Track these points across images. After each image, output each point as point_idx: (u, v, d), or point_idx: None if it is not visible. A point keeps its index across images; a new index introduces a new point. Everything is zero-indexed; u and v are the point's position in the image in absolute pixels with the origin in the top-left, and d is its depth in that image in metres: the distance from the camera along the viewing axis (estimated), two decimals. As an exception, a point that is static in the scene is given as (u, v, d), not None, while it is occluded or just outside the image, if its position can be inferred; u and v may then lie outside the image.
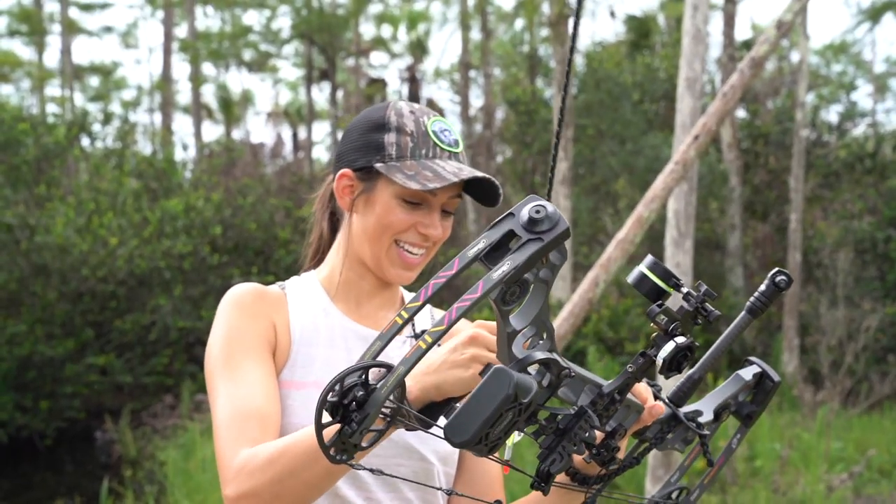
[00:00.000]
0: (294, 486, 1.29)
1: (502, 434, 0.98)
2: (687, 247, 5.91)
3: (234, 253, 13.76)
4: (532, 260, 0.98)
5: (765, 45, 5.42)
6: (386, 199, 1.51)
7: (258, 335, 1.48)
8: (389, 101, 1.59)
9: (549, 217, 0.99)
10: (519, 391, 0.95)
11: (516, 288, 1.02)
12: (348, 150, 1.56)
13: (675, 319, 1.14)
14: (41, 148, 13.52)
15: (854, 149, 15.30)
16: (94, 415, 12.41)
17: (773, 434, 8.80)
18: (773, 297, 1.31)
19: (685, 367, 1.16)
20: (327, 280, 1.61)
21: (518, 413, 0.98)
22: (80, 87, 32.16)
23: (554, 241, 0.99)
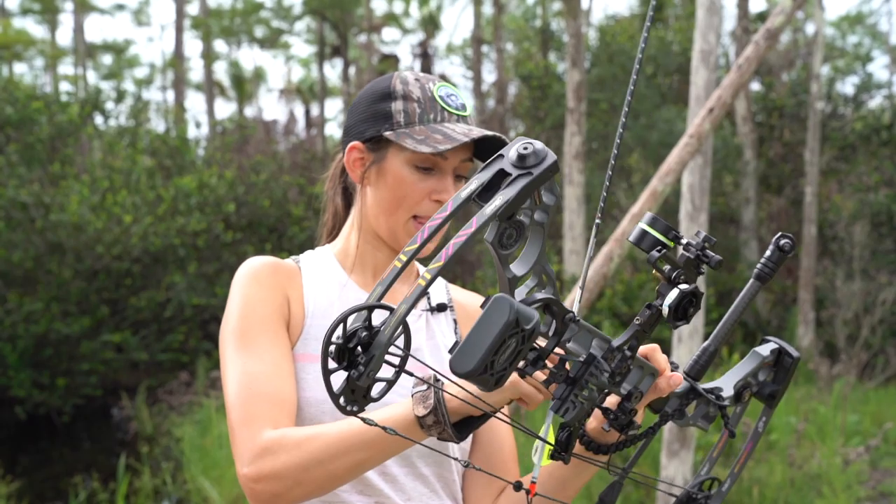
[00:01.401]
0: (319, 474, 1.29)
1: (507, 364, 0.99)
2: (702, 221, 5.88)
3: (248, 230, 13.80)
4: (523, 193, 1.00)
5: (780, 16, 5.36)
6: (397, 168, 1.50)
7: (273, 309, 1.47)
8: (394, 72, 1.58)
9: (536, 152, 1.00)
10: (520, 317, 0.96)
11: (512, 230, 1.03)
12: (356, 123, 1.55)
13: (677, 266, 1.15)
14: (55, 126, 13.55)
15: (870, 121, 15.16)
16: (110, 392, 12.51)
17: (788, 408, 8.79)
18: (779, 262, 1.30)
19: (692, 314, 1.15)
20: (342, 253, 1.60)
21: (521, 341, 0.98)
22: (92, 65, 32.20)
23: (543, 174, 1.00)
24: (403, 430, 1.26)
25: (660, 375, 1.27)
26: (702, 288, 1.25)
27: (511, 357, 0.99)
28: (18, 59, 29.85)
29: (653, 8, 1.21)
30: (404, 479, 1.48)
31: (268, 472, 1.30)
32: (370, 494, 1.47)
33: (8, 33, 26.40)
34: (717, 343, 1.33)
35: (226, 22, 27.77)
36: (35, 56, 31.15)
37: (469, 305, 1.67)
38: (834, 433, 7.73)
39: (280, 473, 1.30)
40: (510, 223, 1.03)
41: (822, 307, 12.34)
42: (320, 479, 1.30)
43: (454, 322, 1.63)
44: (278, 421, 1.36)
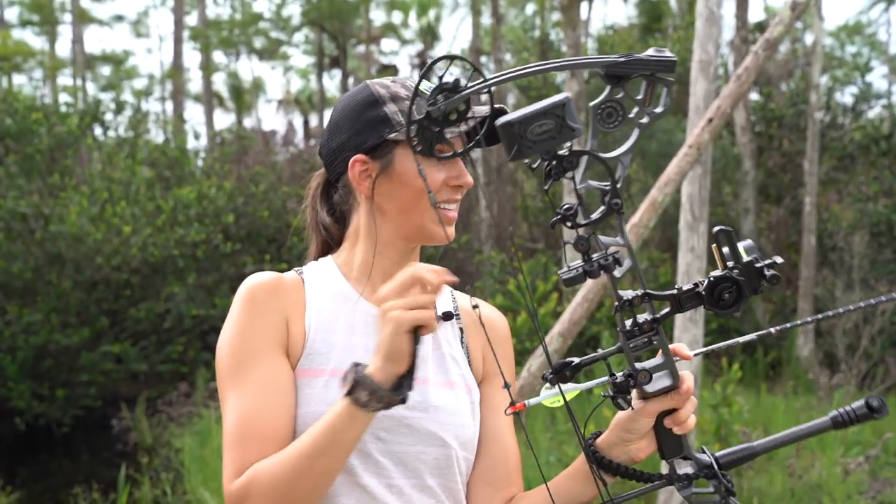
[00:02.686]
0: (298, 494, 1.33)
1: (536, 140, 1.13)
2: (701, 231, 5.88)
3: (247, 241, 13.79)
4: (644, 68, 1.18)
5: (779, 26, 5.37)
6: (410, 166, 1.50)
7: (268, 337, 1.46)
8: (364, 83, 1.58)
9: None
10: (568, 111, 1.13)
11: (612, 109, 1.18)
12: (350, 138, 1.54)
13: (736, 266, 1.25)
14: (54, 137, 13.56)
15: (869, 131, 15.18)
16: (110, 403, 12.49)
17: (788, 418, 8.77)
18: (862, 420, 1.31)
19: (728, 301, 1.22)
20: (345, 265, 1.59)
21: (557, 129, 1.13)
22: (91, 76, 32.25)
23: (659, 63, 1.18)
24: (348, 417, 1.30)
25: (680, 384, 1.30)
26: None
27: (543, 135, 1.13)
28: (18, 71, 29.89)
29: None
30: (410, 491, 1.48)
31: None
32: None
33: (7, 45, 26.46)
34: (763, 447, 1.35)
35: (225, 33, 27.82)
36: (34, 67, 31.20)
37: (474, 312, 1.66)
38: (834, 443, 7.72)
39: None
40: (612, 103, 1.17)
41: (822, 317, 12.31)
42: (302, 496, 1.33)
43: (461, 331, 1.63)
44: (258, 461, 1.38)
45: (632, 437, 1.37)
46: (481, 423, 1.58)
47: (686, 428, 1.33)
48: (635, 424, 1.36)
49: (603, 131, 1.19)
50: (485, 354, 1.63)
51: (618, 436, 1.38)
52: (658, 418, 1.35)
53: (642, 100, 1.19)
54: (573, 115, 1.14)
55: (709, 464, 1.31)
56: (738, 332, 12.95)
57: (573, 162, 1.18)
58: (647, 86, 1.19)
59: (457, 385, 1.54)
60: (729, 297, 1.21)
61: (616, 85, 1.18)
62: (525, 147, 1.14)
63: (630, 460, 1.39)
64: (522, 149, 1.14)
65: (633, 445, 1.38)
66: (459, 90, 1.17)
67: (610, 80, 1.18)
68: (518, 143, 1.13)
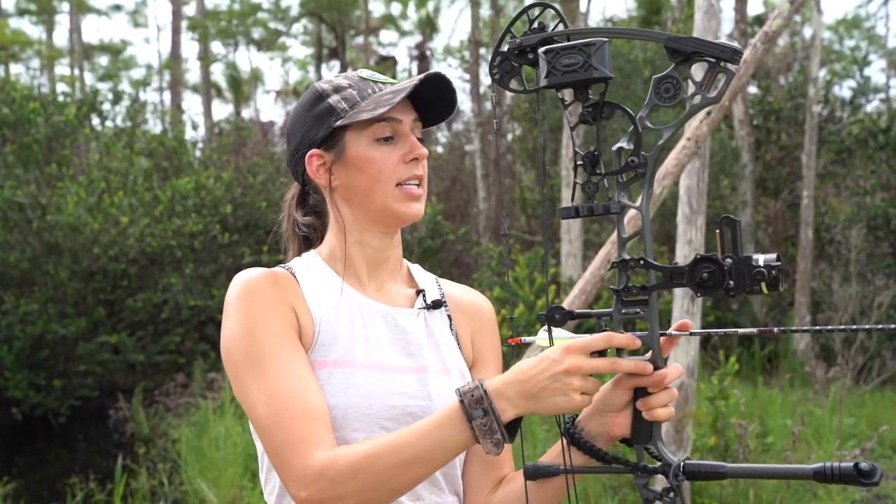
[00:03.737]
0: (381, 494, 1.32)
1: (565, 71, 1.23)
2: (699, 224, 5.89)
3: (245, 232, 13.78)
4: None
5: (777, 19, 5.37)
6: (362, 151, 1.52)
7: (283, 322, 1.45)
8: (312, 84, 1.61)
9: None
10: (599, 53, 1.22)
11: (670, 85, 1.24)
12: (303, 137, 1.57)
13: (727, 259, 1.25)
14: (52, 127, 13.53)
15: (867, 124, 15.18)
16: (107, 393, 12.50)
17: (784, 410, 8.80)
18: (846, 480, 1.25)
19: (706, 280, 1.23)
20: (329, 257, 1.60)
21: (583, 66, 1.23)
22: (89, 66, 32.17)
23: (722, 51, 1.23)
24: (457, 436, 1.30)
25: (659, 373, 1.31)
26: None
27: (569, 67, 1.23)
28: (15, 60, 29.82)
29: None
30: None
31: (329, 496, 1.31)
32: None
33: (4, 34, 26.39)
34: (733, 472, 1.30)
35: (223, 23, 27.77)
36: (31, 57, 31.13)
37: (461, 299, 1.68)
38: (830, 436, 7.74)
39: (342, 496, 1.31)
40: (672, 79, 1.24)
41: (819, 310, 12.35)
42: (382, 497, 1.32)
43: (448, 318, 1.64)
44: (322, 438, 1.36)
45: (608, 410, 1.38)
46: None
47: (655, 416, 1.31)
48: (611, 396, 1.37)
49: (657, 104, 1.26)
50: (473, 340, 1.65)
51: (596, 406, 1.39)
52: (634, 399, 1.35)
53: (700, 83, 1.24)
54: (603, 59, 1.22)
55: (669, 463, 1.29)
56: (735, 324, 12.98)
57: (606, 112, 1.27)
58: (708, 70, 1.24)
59: (452, 372, 1.56)
60: (708, 278, 1.21)
61: (679, 63, 1.25)
62: (553, 75, 1.24)
63: (608, 435, 1.38)
64: (550, 76, 1.24)
65: (610, 419, 1.38)
66: (545, 32, 1.29)
67: (673, 56, 1.25)
68: (549, 70, 1.24)
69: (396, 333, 1.54)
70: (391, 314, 1.56)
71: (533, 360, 1.27)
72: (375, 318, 1.54)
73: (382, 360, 1.50)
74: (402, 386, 1.49)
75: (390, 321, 1.55)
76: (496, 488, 1.57)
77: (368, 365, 1.49)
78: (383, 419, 1.45)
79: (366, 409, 1.44)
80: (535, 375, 1.27)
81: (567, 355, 1.26)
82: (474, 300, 1.69)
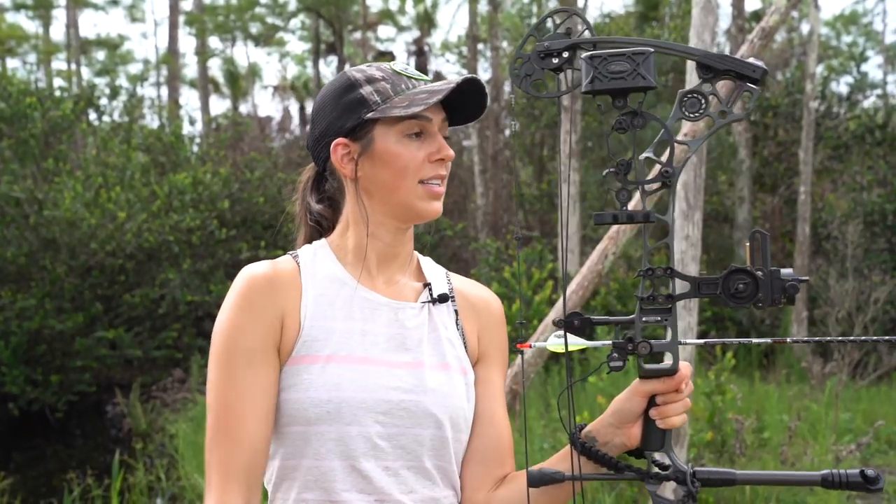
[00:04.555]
0: None
1: (611, 78, 1.25)
2: (696, 219, 5.89)
3: (243, 227, 13.78)
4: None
5: (775, 15, 5.37)
6: (390, 145, 1.51)
7: (259, 336, 1.47)
8: (343, 70, 1.61)
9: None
10: (647, 63, 1.25)
11: (696, 100, 1.27)
12: (331, 123, 1.56)
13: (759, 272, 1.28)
14: (48, 122, 13.52)
15: (864, 120, 15.20)
16: (104, 388, 12.50)
17: (781, 406, 8.81)
18: (853, 487, 1.29)
19: (741, 292, 1.25)
20: (340, 248, 1.60)
21: (631, 74, 1.26)
22: (86, 61, 32.11)
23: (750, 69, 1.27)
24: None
25: (679, 375, 1.33)
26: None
27: (617, 75, 1.26)
28: (11, 55, 29.77)
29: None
30: (406, 473, 1.49)
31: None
32: (370, 492, 1.47)
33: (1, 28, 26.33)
34: (743, 478, 1.33)
35: (220, 18, 27.73)
36: (28, 52, 31.07)
37: (470, 294, 1.67)
38: (826, 431, 7.76)
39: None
40: (698, 94, 1.26)
41: (816, 306, 12.37)
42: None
43: (455, 312, 1.63)
44: (240, 481, 1.42)
45: (624, 420, 1.38)
46: (476, 404, 1.59)
47: (669, 424, 1.33)
48: (628, 405, 1.37)
49: (682, 117, 1.27)
50: (480, 336, 1.64)
51: (612, 416, 1.39)
52: (648, 407, 1.36)
53: (726, 99, 1.27)
54: (650, 68, 1.26)
55: (683, 471, 1.31)
56: (732, 320, 12.99)
57: (639, 122, 1.29)
58: (736, 88, 1.28)
59: (451, 367, 1.56)
60: (744, 289, 1.25)
61: (707, 79, 1.28)
62: (598, 80, 1.25)
63: (623, 446, 1.40)
64: (595, 82, 1.25)
65: (625, 430, 1.39)
66: (570, 38, 1.30)
67: (703, 72, 1.27)
68: (594, 76, 1.25)
69: (396, 328, 1.55)
70: (393, 308, 1.56)
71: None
72: (376, 312, 1.54)
73: (379, 355, 1.51)
74: (397, 380, 1.49)
75: (391, 315, 1.55)
76: (498, 486, 1.57)
77: (364, 359, 1.49)
78: (377, 413, 1.46)
79: (360, 404, 1.45)
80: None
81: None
82: (484, 296, 1.68)
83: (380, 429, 1.47)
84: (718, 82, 1.28)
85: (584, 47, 1.29)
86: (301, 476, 1.48)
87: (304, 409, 1.43)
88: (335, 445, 1.45)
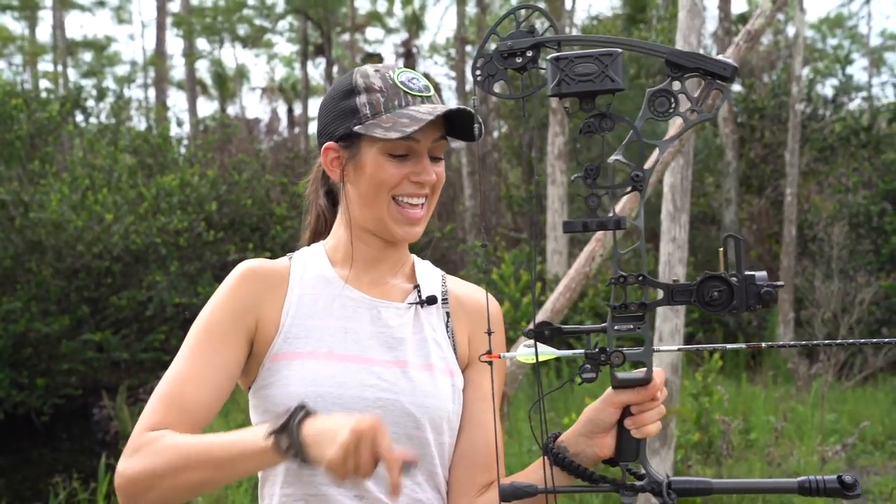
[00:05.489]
0: (169, 484, 1.34)
1: (579, 80, 1.22)
2: (683, 221, 5.91)
3: (230, 229, 13.74)
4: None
5: (760, 18, 5.40)
6: (372, 159, 1.53)
7: (233, 321, 1.51)
8: (355, 69, 1.61)
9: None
10: (615, 64, 1.21)
11: (665, 100, 1.24)
12: (327, 125, 1.59)
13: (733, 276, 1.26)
14: (35, 124, 13.45)
15: (849, 123, 15.29)
16: (90, 391, 12.43)
17: (767, 407, 8.86)
18: (831, 493, 1.28)
19: (716, 300, 1.23)
20: (333, 249, 1.63)
21: (599, 76, 1.21)
22: (73, 62, 31.98)
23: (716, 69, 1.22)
24: (261, 451, 1.29)
25: (653, 385, 1.31)
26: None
27: (584, 77, 1.22)
28: (-2, 56, 29.60)
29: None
30: (386, 472, 1.49)
31: (129, 472, 1.36)
32: (350, 488, 1.48)
33: (-13, 30, 26.18)
34: (720, 487, 1.31)
35: (208, 20, 27.66)
36: (14, 53, 30.90)
37: (465, 298, 1.67)
38: (812, 432, 7.80)
39: (138, 476, 1.35)
40: (667, 93, 1.23)
41: (802, 307, 12.42)
42: (171, 488, 1.34)
43: (446, 315, 1.64)
44: (171, 426, 1.40)
45: (596, 430, 1.37)
46: (465, 408, 1.59)
47: (645, 433, 1.32)
48: (601, 415, 1.36)
49: (651, 117, 1.25)
50: (471, 339, 1.64)
51: (584, 426, 1.38)
52: (622, 417, 1.34)
53: (696, 98, 1.24)
54: (618, 69, 1.21)
55: (658, 481, 1.29)
56: (719, 322, 13.04)
57: (608, 124, 1.25)
58: (705, 86, 1.24)
59: (436, 368, 1.56)
60: (718, 297, 1.22)
61: (676, 78, 1.24)
62: (565, 83, 1.22)
63: (595, 456, 1.38)
64: (562, 84, 1.22)
65: (597, 440, 1.37)
66: (533, 36, 1.26)
67: (672, 70, 1.24)
68: (560, 78, 1.22)
69: (379, 326, 1.55)
70: (377, 307, 1.57)
71: (337, 421, 1.25)
72: (360, 311, 1.56)
73: (360, 353, 1.52)
74: (375, 378, 1.50)
75: (375, 314, 1.57)
76: (482, 492, 1.57)
77: (344, 356, 1.51)
78: (352, 410, 1.46)
79: (335, 399, 1.46)
80: (330, 427, 1.25)
81: (352, 434, 1.23)
82: (479, 299, 1.67)
83: None
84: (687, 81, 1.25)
85: (549, 46, 1.26)
86: (282, 470, 1.51)
87: (283, 403, 1.44)
88: None
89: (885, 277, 12.38)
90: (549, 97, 1.26)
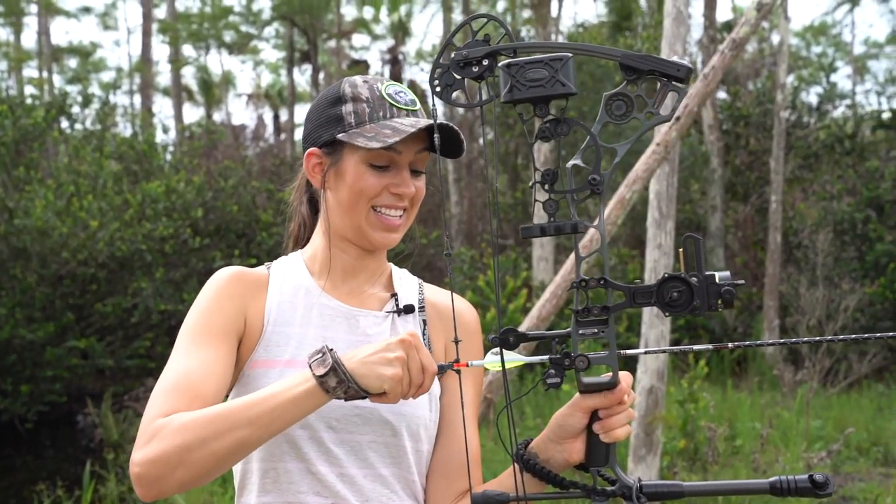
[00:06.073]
0: (202, 454, 1.30)
1: (530, 86, 1.22)
2: (668, 228, 5.94)
3: (216, 236, 13.70)
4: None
5: (745, 26, 5.43)
6: (353, 167, 1.54)
7: (224, 320, 1.51)
8: (344, 77, 1.63)
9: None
10: (566, 69, 1.21)
11: (622, 103, 1.24)
12: (312, 131, 1.60)
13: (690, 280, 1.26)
14: (19, 130, 13.39)
15: (833, 130, 15.40)
16: (75, 398, 12.36)
17: (753, 413, 8.88)
18: (802, 493, 1.27)
19: (675, 300, 1.23)
20: (311, 259, 1.64)
21: (549, 81, 1.22)
22: (58, 68, 31.86)
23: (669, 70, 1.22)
24: (305, 395, 1.30)
25: (620, 389, 1.31)
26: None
27: (535, 82, 1.22)
28: (-18, 62, 29.44)
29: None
30: (363, 481, 1.50)
31: (152, 455, 1.31)
32: (327, 496, 1.48)
33: (-28, 35, 26.04)
34: (691, 490, 1.30)
35: (194, 26, 27.60)
36: (-1, 59, 30.74)
37: (441, 305, 1.67)
38: (797, 438, 7.82)
39: (162, 456, 1.30)
40: (623, 97, 1.23)
41: (787, 314, 12.48)
42: (203, 459, 1.30)
43: (423, 323, 1.64)
44: (184, 411, 1.37)
45: (565, 436, 1.36)
46: (441, 416, 1.59)
47: (614, 437, 1.31)
48: (569, 420, 1.35)
49: (608, 121, 1.25)
50: (448, 347, 1.64)
51: (553, 431, 1.38)
52: (590, 422, 1.34)
53: (653, 101, 1.24)
54: (569, 73, 1.21)
55: (629, 485, 1.28)
56: (706, 328, 13.08)
57: (564, 129, 1.25)
58: (661, 88, 1.24)
59: None
60: (678, 297, 1.22)
61: (631, 81, 1.24)
62: (517, 89, 1.22)
63: (565, 462, 1.38)
64: (514, 91, 1.23)
65: (567, 445, 1.37)
66: (489, 44, 1.26)
67: (627, 74, 1.24)
68: (512, 84, 1.22)
69: (357, 335, 1.56)
70: (354, 316, 1.58)
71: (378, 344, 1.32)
72: (337, 320, 1.57)
73: None
74: None
75: (353, 323, 1.57)
76: (460, 499, 1.57)
77: None
78: (331, 418, 1.48)
79: None
80: (375, 344, 1.32)
81: (401, 346, 1.31)
82: (458, 307, 1.64)
83: (333, 434, 1.48)
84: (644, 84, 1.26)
85: (504, 53, 1.26)
86: (258, 479, 1.51)
87: None
88: (289, 448, 1.48)
89: (869, 284, 12.46)
90: (502, 104, 1.26)
